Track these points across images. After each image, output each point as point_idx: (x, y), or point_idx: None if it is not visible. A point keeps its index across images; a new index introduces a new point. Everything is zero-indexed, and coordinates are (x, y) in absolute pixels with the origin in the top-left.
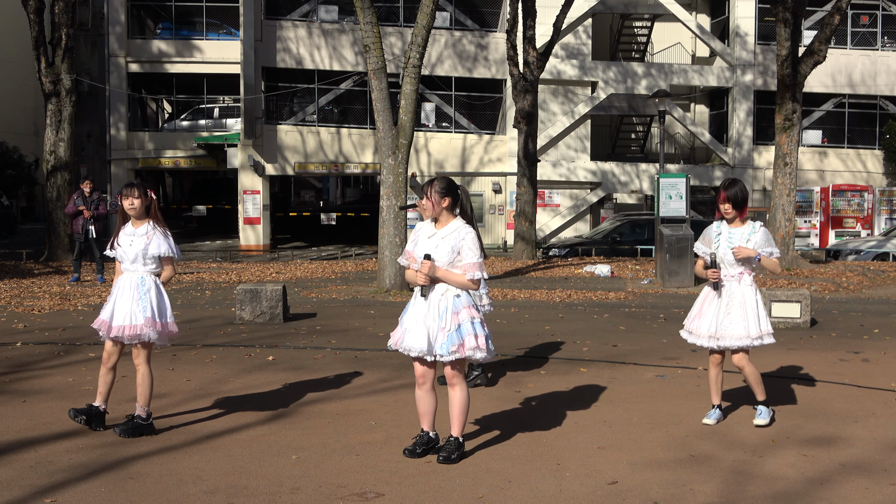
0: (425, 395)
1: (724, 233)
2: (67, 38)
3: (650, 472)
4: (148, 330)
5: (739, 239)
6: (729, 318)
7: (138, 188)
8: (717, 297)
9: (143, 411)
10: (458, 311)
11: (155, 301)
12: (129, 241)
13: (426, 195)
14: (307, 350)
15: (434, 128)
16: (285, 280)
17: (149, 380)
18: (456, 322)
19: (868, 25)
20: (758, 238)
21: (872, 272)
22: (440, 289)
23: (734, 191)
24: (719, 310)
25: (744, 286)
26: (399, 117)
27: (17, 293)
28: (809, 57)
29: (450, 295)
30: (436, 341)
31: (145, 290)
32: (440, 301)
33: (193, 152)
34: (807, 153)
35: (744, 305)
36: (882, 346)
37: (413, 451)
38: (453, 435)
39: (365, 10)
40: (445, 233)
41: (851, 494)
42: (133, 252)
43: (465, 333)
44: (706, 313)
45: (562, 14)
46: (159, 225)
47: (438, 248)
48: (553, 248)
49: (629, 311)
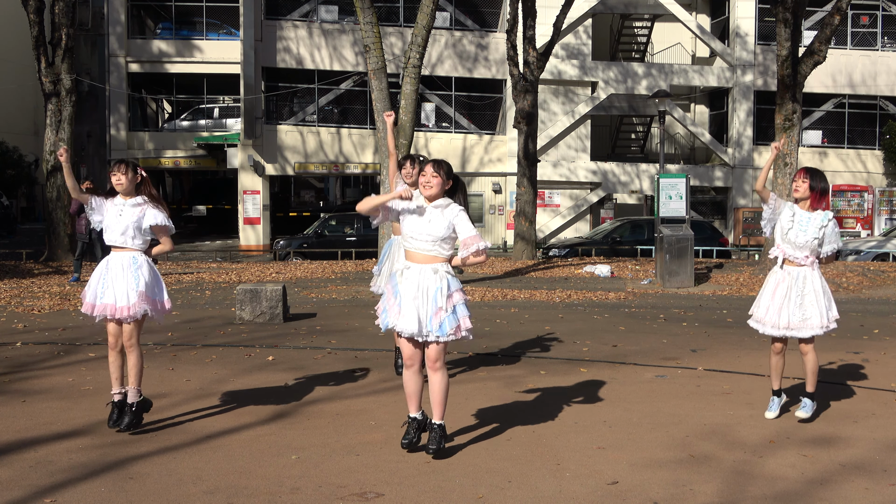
0: (413, 375)
1: (798, 214)
2: (67, 38)
3: (650, 472)
4: (144, 305)
5: (814, 225)
6: (802, 308)
7: (126, 164)
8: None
9: (138, 392)
10: (452, 292)
11: (148, 276)
12: (119, 210)
13: (435, 174)
14: (307, 350)
15: (434, 128)
16: (285, 280)
17: (141, 360)
18: (451, 304)
19: (868, 25)
20: (828, 230)
21: (872, 272)
22: (430, 268)
23: (814, 172)
24: (790, 299)
25: (816, 273)
26: (399, 117)
27: (17, 293)
28: (809, 57)
29: (442, 275)
30: (431, 322)
31: (137, 266)
32: (433, 281)
33: (193, 152)
34: (807, 153)
35: (818, 293)
36: (882, 346)
37: (411, 441)
38: (436, 421)
39: (365, 10)
40: (438, 206)
41: (851, 494)
42: (123, 223)
43: (461, 315)
44: (775, 302)
45: (562, 14)
46: (154, 199)
47: (431, 222)
48: (553, 249)
49: (629, 311)
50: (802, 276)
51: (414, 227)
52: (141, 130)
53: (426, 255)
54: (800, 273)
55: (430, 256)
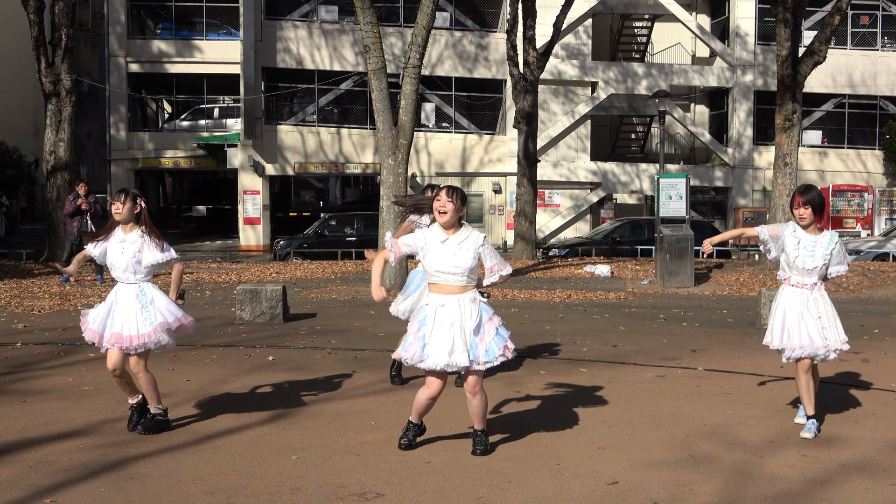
0: (432, 402)
1: (803, 240)
2: (67, 38)
3: (650, 472)
4: (157, 336)
5: (821, 249)
6: (824, 329)
7: (126, 194)
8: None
9: (159, 409)
10: (491, 317)
11: (163, 305)
12: (121, 248)
13: (449, 199)
14: (307, 350)
15: (434, 128)
16: (285, 280)
17: (153, 382)
18: (493, 327)
19: (868, 26)
20: (835, 251)
21: (872, 272)
22: (467, 297)
23: (812, 195)
24: (807, 319)
25: (824, 294)
26: (399, 117)
27: (17, 293)
28: (809, 57)
29: (478, 302)
30: (476, 350)
31: (148, 300)
32: (470, 309)
33: (193, 152)
34: (807, 153)
35: (833, 313)
36: (882, 346)
37: (410, 442)
38: (478, 429)
39: (365, 10)
40: (460, 238)
41: (851, 495)
42: (124, 261)
43: (506, 336)
44: (794, 325)
45: (562, 14)
46: (151, 233)
47: (457, 254)
48: (553, 249)
49: (629, 311)
50: (813, 299)
51: (440, 261)
52: (141, 130)
53: (456, 286)
54: (809, 296)
55: (461, 287)
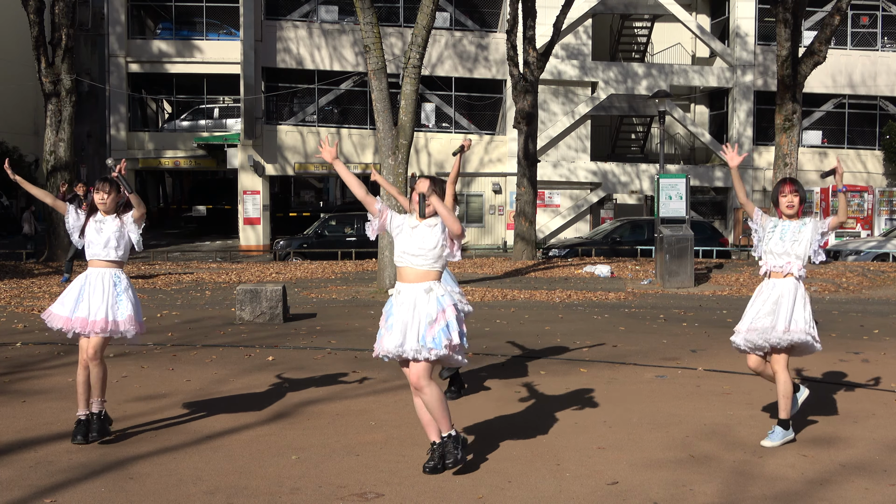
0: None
1: (779, 225)
2: (67, 38)
3: (650, 472)
4: (129, 327)
5: (792, 230)
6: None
7: (111, 183)
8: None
9: (102, 402)
10: (445, 308)
11: (133, 300)
12: (98, 227)
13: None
14: (307, 350)
15: (434, 128)
16: (285, 280)
17: (106, 374)
18: (444, 319)
19: (868, 26)
20: (809, 227)
21: (872, 273)
22: (423, 287)
23: (797, 182)
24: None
25: (798, 284)
26: (399, 118)
27: (17, 293)
28: (809, 57)
29: (434, 294)
30: (424, 337)
31: (123, 287)
32: (426, 299)
33: (193, 152)
34: (807, 153)
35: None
36: (882, 346)
37: (434, 467)
38: (444, 433)
39: (365, 10)
40: (432, 222)
41: (851, 495)
42: (104, 237)
43: (453, 330)
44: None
45: (562, 14)
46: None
47: (424, 236)
48: (553, 249)
49: (629, 311)
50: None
51: (406, 242)
52: (141, 130)
53: (418, 270)
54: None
55: (422, 272)
